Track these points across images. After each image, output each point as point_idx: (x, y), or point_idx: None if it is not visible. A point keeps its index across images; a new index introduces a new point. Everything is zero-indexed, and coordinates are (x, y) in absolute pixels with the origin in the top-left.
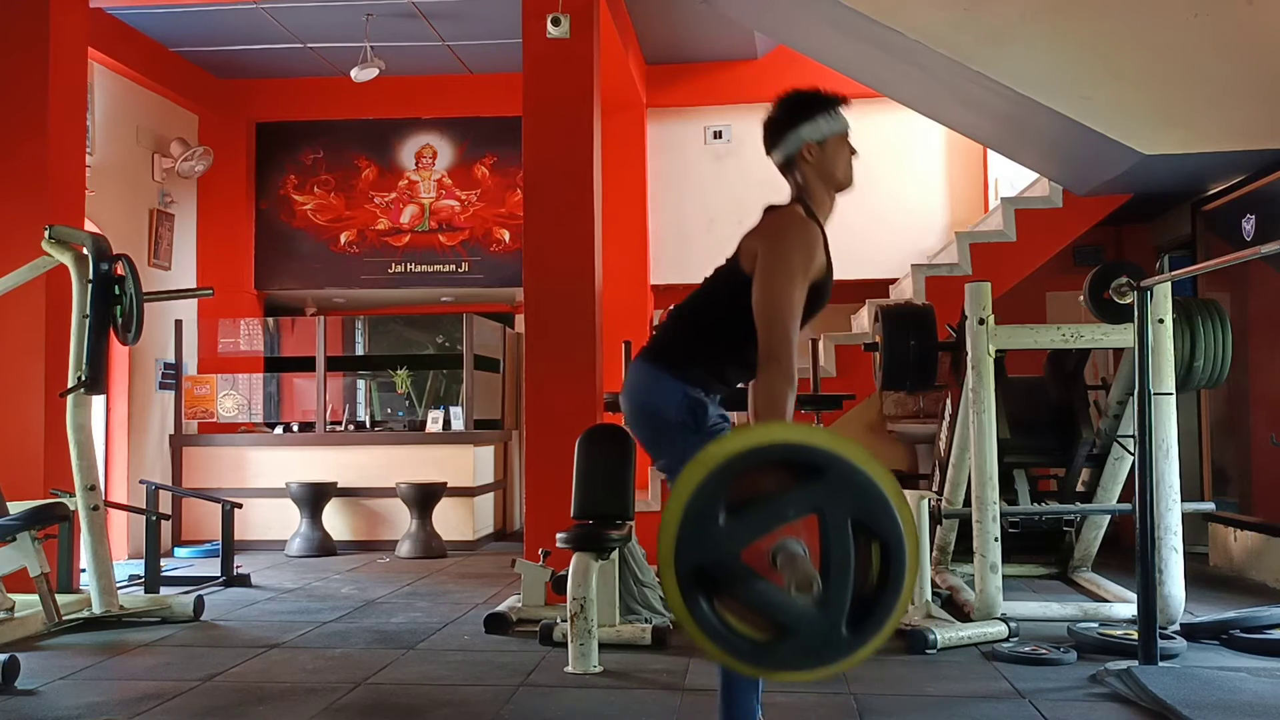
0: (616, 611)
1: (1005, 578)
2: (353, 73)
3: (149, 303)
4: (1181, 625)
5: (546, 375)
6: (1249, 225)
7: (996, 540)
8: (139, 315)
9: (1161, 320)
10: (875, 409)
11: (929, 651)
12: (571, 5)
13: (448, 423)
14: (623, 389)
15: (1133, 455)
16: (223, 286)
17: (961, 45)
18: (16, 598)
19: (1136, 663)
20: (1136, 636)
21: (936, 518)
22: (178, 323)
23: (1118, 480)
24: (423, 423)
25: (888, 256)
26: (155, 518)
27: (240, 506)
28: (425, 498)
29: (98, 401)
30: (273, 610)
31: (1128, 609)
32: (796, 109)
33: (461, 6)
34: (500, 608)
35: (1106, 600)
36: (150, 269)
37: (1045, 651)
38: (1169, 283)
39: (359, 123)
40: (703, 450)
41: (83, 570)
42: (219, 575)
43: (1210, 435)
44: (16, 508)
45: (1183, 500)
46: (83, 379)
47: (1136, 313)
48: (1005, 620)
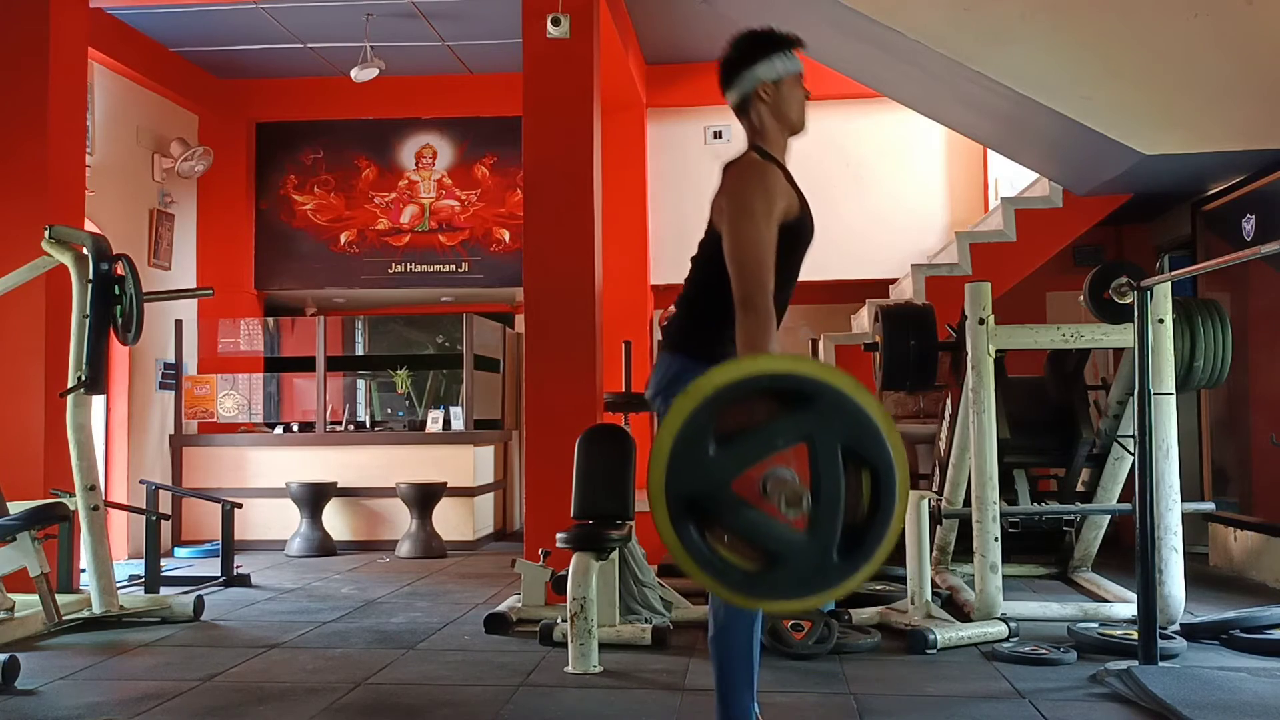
0: (616, 611)
1: (1005, 578)
2: (353, 73)
3: (149, 303)
4: (1181, 625)
5: (546, 375)
6: (1249, 225)
7: (996, 540)
8: (139, 315)
9: (1161, 320)
10: None
11: (929, 651)
12: (571, 5)
13: (448, 423)
14: (646, 386)
15: (1133, 455)
16: (223, 286)
17: (961, 45)
18: (16, 598)
19: (1136, 663)
20: (1136, 636)
21: (936, 518)
22: (178, 323)
23: (1118, 480)
24: (423, 423)
25: (888, 256)
26: (155, 518)
27: (240, 506)
28: (425, 498)
29: (98, 401)
30: (273, 610)
31: (1128, 609)
32: (752, 48)
33: (461, 6)
34: (500, 608)
35: (1106, 600)
36: (150, 269)
37: (1045, 651)
38: (1169, 283)
39: (359, 123)
40: (692, 383)
41: (83, 570)
42: (219, 575)
43: (1210, 435)
44: (16, 508)
45: (1183, 500)
46: (83, 379)
47: (1136, 313)
48: (1005, 620)
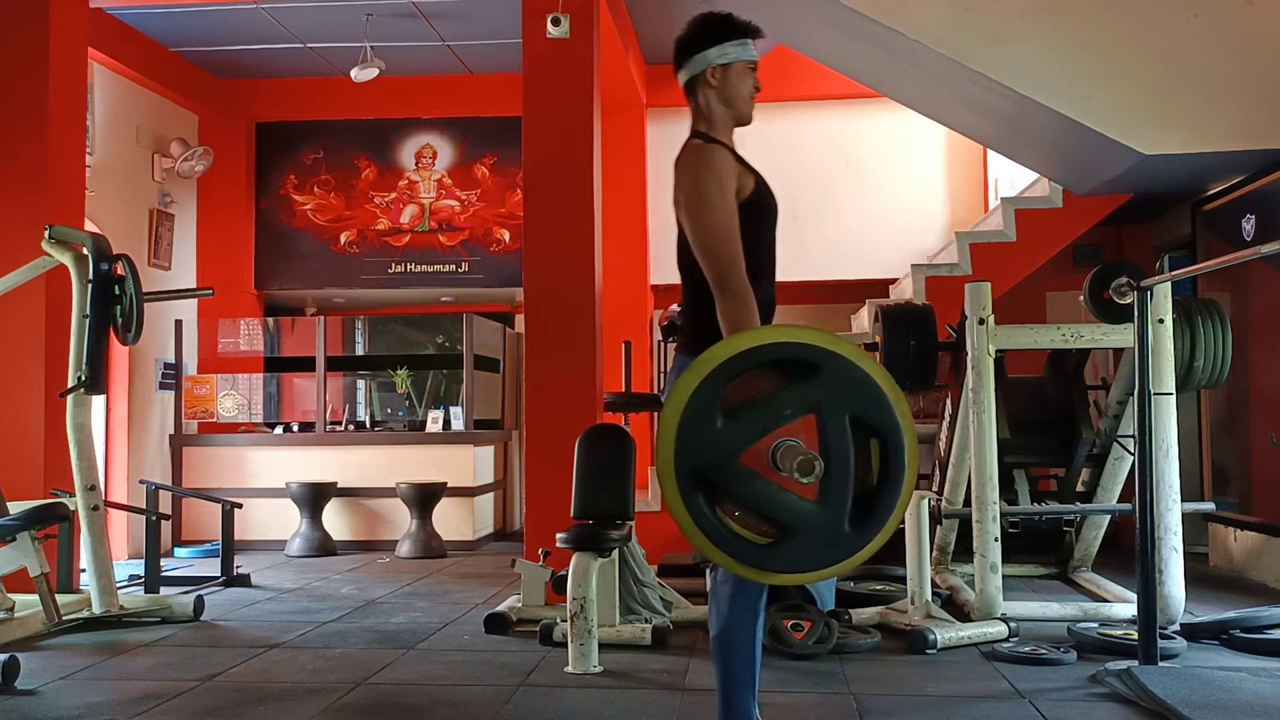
0: (616, 611)
1: (1005, 578)
2: (353, 73)
3: (149, 303)
4: (1181, 625)
5: (546, 375)
6: (1249, 225)
7: (996, 540)
8: (139, 315)
9: (1161, 320)
10: None
11: (929, 651)
12: (571, 5)
13: (448, 423)
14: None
15: (1133, 455)
16: (223, 286)
17: (961, 45)
18: (16, 598)
19: (1136, 663)
20: (1136, 636)
21: (936, 518)
22: (178, 323)
23: (1118, 480)
24: (423, 423)
25: (888, 256)
26: (155, 518)
27: (240, 506)
28: (425, 498)
29: (98, 401)
30: (273, 610)
31: (1128, 609)
32: (706, 31)
33: (461, 6)
34: (500, 608)
35: (1106, 600)
36: (150, 269)
37: (1045, 651)
38: (1169, 283)
39: (359, 123)
40: (697, 358)
41: (83, 570)
42: (219, 575)
43: (1210, 435)
44: (16, 508)
45: (1183, 500)
46: (83, 379)
47: (1136, 313)
48: (1005, 620)
